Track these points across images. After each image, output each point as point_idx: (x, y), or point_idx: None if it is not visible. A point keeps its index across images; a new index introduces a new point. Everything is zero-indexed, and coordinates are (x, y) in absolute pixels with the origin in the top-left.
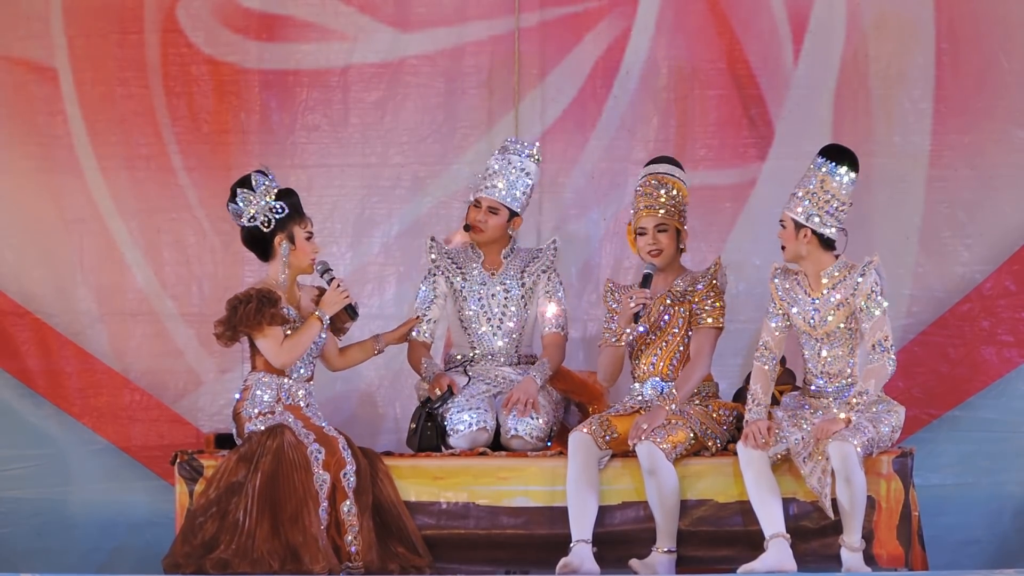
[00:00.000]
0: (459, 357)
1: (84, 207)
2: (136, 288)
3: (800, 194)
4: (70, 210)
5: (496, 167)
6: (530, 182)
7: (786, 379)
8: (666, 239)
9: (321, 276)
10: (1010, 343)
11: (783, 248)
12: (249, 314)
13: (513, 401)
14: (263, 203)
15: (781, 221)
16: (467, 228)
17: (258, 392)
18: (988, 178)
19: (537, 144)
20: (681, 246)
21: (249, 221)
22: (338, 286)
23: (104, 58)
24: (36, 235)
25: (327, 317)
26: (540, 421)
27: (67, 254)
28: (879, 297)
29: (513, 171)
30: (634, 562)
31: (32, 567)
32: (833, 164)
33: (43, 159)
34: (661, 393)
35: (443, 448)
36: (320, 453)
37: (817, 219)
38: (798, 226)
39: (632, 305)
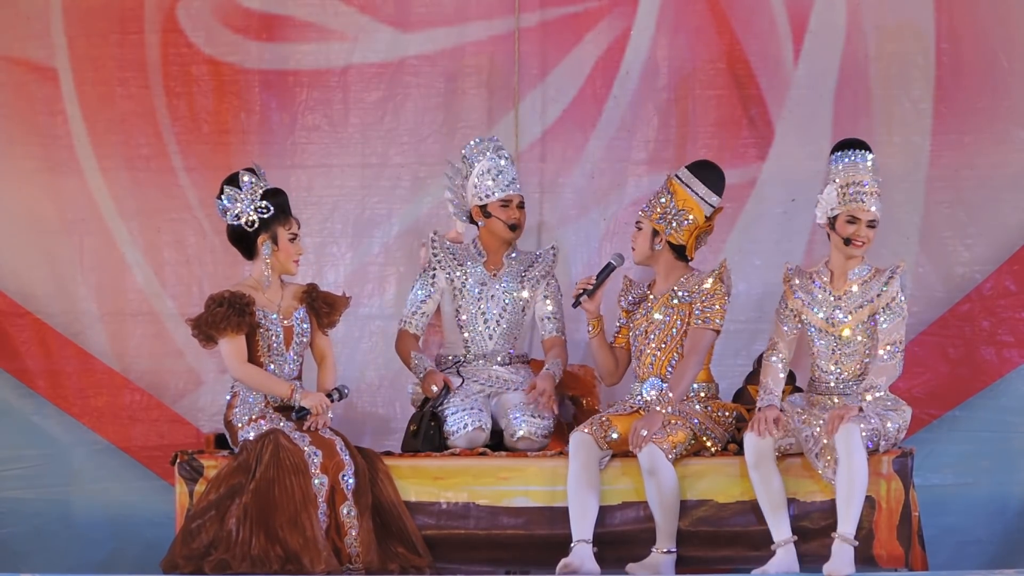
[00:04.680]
0: (450, 358)
1: (84, 207)
2: (136, 288)
3: (868, 190)
4: (70, 210)
5: (502, 164)
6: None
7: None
8: (640, 237)
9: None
10: (1010, 343)
11: (854, 248)
12: (217, 317)
13: (538, 391)
14: (248, 202)
15: (871, 223)
16: (513, 228)
17: (246, 397)
18: (988, 178)
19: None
20: (657, 247)
21: (234, 219)
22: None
23: (104, 58)
24: (36, 235)
25: (299, 404)
26: (546, 420)
27: (67, 254)
28: (901, 303)
29: (512, 163)
30: (632, 566)
31: (32, 567)
32: (859, 152)
33: (43, 159)
34: (660, 392)
35: (444, 448)
36: (317, 456)
37: (880, 207)
38: (871, 225)
39: (574, 290)
